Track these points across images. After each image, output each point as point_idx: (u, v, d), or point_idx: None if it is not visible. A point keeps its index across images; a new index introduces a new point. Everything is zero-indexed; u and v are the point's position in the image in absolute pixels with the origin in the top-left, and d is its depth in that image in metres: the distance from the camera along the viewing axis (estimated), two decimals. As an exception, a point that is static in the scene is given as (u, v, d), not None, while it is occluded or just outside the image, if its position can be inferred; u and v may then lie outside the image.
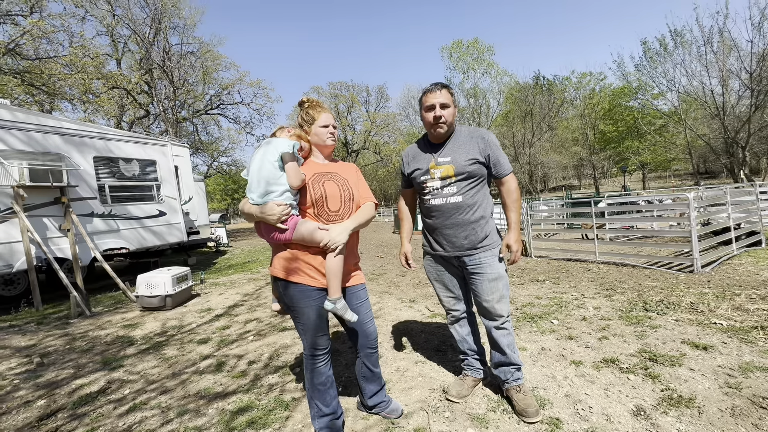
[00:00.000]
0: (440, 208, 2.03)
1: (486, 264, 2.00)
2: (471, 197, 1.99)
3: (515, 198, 2.02)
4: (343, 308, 1.75)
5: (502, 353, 2.09)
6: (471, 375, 2.30)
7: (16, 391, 2.75)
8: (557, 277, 5.26)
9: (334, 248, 1.69)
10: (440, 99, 1.95)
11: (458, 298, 2.22)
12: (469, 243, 2.01)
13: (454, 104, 1.99)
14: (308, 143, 1.86)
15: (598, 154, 36.94)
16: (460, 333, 2.28)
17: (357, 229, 1.82)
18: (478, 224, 2.00)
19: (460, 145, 2.01)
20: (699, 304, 3.54)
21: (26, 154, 5.58)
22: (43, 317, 4.97)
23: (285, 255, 1.75)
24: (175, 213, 8.08)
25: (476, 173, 1.98)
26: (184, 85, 20.22)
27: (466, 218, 1.99)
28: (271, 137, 1.84)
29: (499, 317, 2.04)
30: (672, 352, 2.60)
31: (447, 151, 2.02)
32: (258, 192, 1.68)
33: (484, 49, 31.59)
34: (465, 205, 1.98)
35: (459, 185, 1.98)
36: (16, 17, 12.07)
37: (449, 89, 2.00)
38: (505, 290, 2.03)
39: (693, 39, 19.46)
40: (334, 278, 1.71)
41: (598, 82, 34.84)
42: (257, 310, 4.59)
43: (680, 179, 40.05)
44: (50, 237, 5.82)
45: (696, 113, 24.01)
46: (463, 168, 1.96)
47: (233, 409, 2.28)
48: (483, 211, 2.01)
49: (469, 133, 2.04)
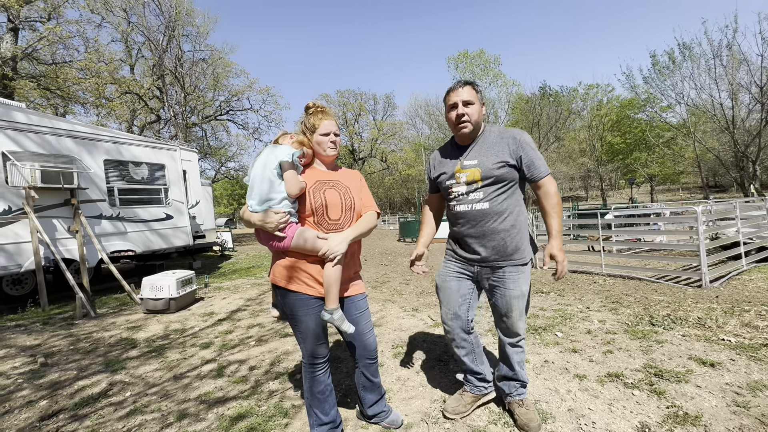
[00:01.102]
0: (466, 215, 1.89)
1: (511, 279, 1.85)
2: (500, 204, 1.83)
3: (554, 202, 1.81)
4: (340, 319, 1.72)
5: (511, 368, 2.01)
6: (470, 391, 2.17)
7: (19, 391, 2.77)
8: (562, 289, 5.21)
9: (333, 258, 1.67)
10: (463, 96, 1.82)
11: (456, 315, 2.02)
12: (497, 254, 1.86)
13: (480, 101, 1.85)
14: (311, 150, 1.84)
15: (605, 165, 36.76)
16: (460, 353, 2.11)
17: (357, 239, 1.79)
18: (508, 234, 1.83)
19: (488, 146, 1.85)
20: (707, 320, 3.48)
21: (39, 156, 5.69)
22: (49, 317, 5.01)
23: (284, 263, 1.74)
24: (182, 217, 8.15)
25: (505, 177, 1.81)
26: (195, 91, 20.56)
27: (493, 227, 1.83)
28: (274, 143, 1.84)
29: (516, 336, 1.96)
30: (678, 368, 2.55)
31: (474, 153, 1.87)
32: (256, 199, 1.68)
33: (490, 60, 31.77)
34: (492, 213, 1.83)
35: (486, 191, 1.83)
36: (34, 23, 12.40)
37: (474, 86, 1.86)
38: (525, 308, 1.92)
39: (702, 53, 19.43)
40: (331, 288, 1.69)
41: (606, 93, 34.83)
42: (260, 316, 4.60)
43: (689, 192, 39.64)
44: (59, 238, 5.90)
45: (705, 126, 23.86)
46: (491, 171, 1.80)
47: (233, 414, 2.28)
48: (514, 219, 1.85)
49: (499, 133, 1.88)
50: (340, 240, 1.70)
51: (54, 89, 12.64)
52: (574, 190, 55.76)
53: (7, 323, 4.80)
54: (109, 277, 6.87)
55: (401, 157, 38.69)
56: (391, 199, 46.93)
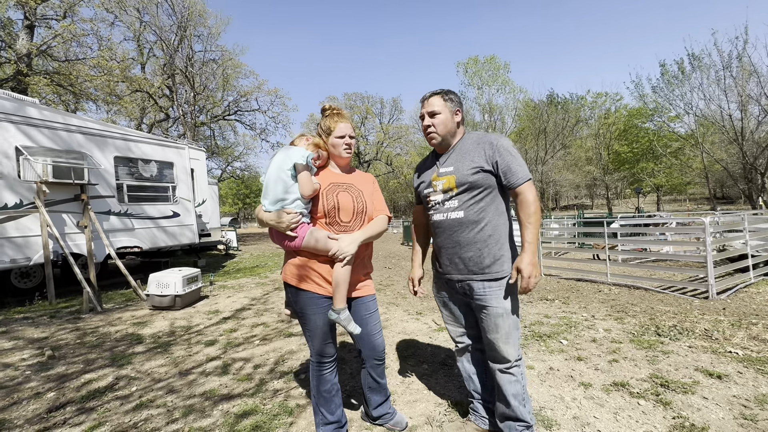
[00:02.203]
0: (441, 224, 1.80)
1: (491, 296, 1.70)
2: (476, 213, 1.72)
3: (531, 212, 1.65)
4: (347, 320, 1.74)
5: (506, 404, 1.76)
6: (474, 422, 2.00)
7: (27, 382, 2.80)
8: (567, 297, 5.19)
9: (342, 258, 1.70)
10: (428, 107, 1.78)
11: (464, 324, 1.95)
12: (474, 266, 1.73)
13: (452, 110, 1.78)
14: (326, 152, 1.87)
15: (611, 174, 36.56)
16: (467, 369, 2.00)
17: (367, 241, 1.83)
18: (485, 244, 1.71)
19: (464, 152, 1.77)
20: (714, 332, 3.45)
21: (51, 151, 5.78)
22: (56, 311, 5.07)
23: (295, 262, 1.78)
24: (188, 214, 8.22)
25: (480, 183, 1.71)
26: (204, 91, 20.78)
27: (469, 237, 1.73)
28: (291, 144, 1.88)
29: (505, 361, 1.74)
30: (685, 379, 2.53)
31: (450, 161, 1.79)
32: (270, 199, 1.73)
33: (500, 66, 31.79)
34: (468, 222, 1.73)
35: (461, 198, 1.74)
36: (50, 21, 12.61)
37: (444, 95, 1.78)
38: (514, 330, 1.72)
39: (711, 63, 19.31)
40: (339, 288, 1.71)
41: (614, 102, 34.73)
42: (264, 315, 4.61)
43: (696, 203, 39.30)
44: (68, 233, 5.97)
45: (713, 137, 23.67)
46: (465, 178, 1.71)
47: (238, 412, 2.29)
48: (492, 229, 1.72)
49: (477, 139, 1.78)
50: (350, 241, 1.73)
51: (66, 86, 12.82)
52: (579, 198, 55.50)
53: (15, 315, 4.86)
54: (115, 272, 6.94)
55: (406, 161, 38.68)
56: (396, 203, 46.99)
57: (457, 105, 1.81)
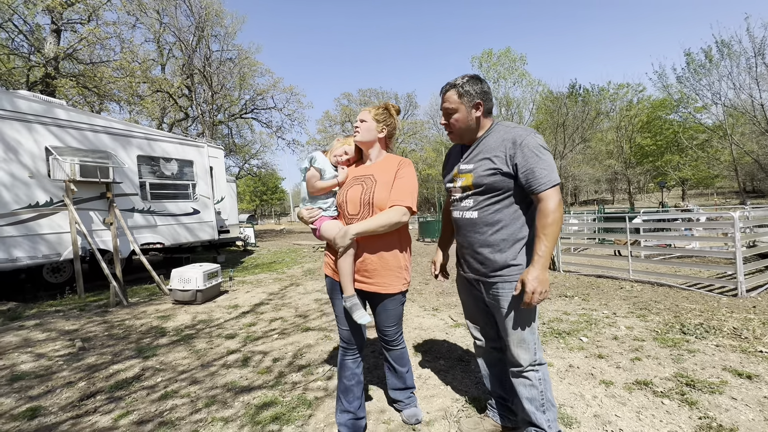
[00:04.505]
0: (458, 222, 1.76)
1: (503, 299, 1.63)
2: (491, 214, 1.63)
3: (547, 222, 1.48)
4: (353, 308, 1.78)
5: (521, 408, 1.69)
6: (492, 418, 1.97)
7: (60, 372, 2.94)
8: (587, 294, 5.08)
9: (338, 249, 1.77)
10: (444, 103, 1.66)
11: (482, 325, 1.91)
12: (486, 268, 1.67)
13: (469, 104, 1.62)
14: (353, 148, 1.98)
15: (633, 168, 35.44)
16: (484, 367, 1.96)
17: (366, 234, 1.73)
18: (498, 248, 1.62)
19: (487, 149, 1.63)
20: (743, 330, 3.32)
21: (78, 151, 6.00)
22: (85, 304, 5.28)
23: (328, 251, 1.96)
24: (208, 211, 8.42)
25: (497, 186, 1.59)
26: (222, 90, 21.12)
27: (481, 238, 1.65)
28: None
29: (517, 364, 1.67)
30: (712, 379, 2.45)
31: (471, 157, 1.69)
32: (301, 198, 2.01)
33: (515, 59, 31.17)
34: (481, 223, 1.65)
35: (476, 198, 1.65)
36: (75, 24, 13.04)
37: (461, 87, 1.62)
38: (528, 334, 1.63)
39: (742, 50, 18.46)
40: (341, 277, 1.81)
41: (637, 93, 33.54)
42: (282, 309, 4.69)
43: (724, 197, 37.73)
44: (94, 229, 6.20)
45: (743, 128, 22.68)
46: (481, 179, 1.61)
47: (258, 403, 2.35)
48: (507, 232, 1.62)
49: (503, 134, 1.61)
50: (343, 233, 1.72)
51: (91, 87, 13.26)
52: (600, 193, 54.11)
53: (48, 308, 5.09)
54: (139, 268, 7.17)
55: (421, 157, 38.55)
56: (411, 199, 46.88)
57: (478, 96, 1.62)
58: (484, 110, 1.65)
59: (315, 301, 5.09)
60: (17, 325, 4.29)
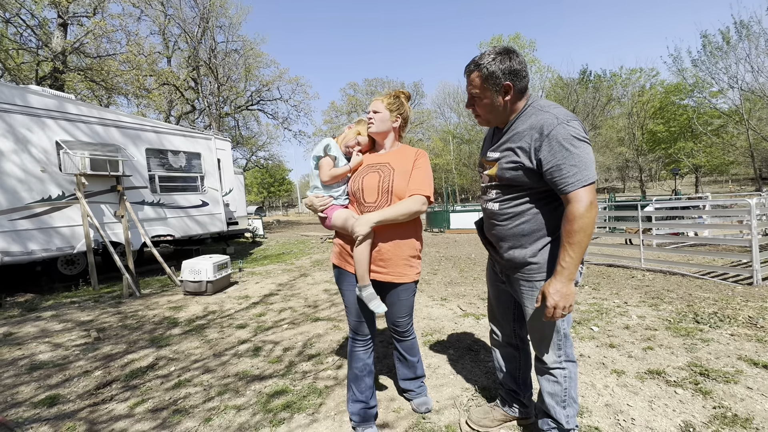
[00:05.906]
0: (484, 210, 1.66)
1: (526, 296, 1.55)
2: (511, 207, 1.51)
3: (574, 228, 1.30)
4: (368, 297, 1.75)
5: (542, 400, 1.64)
6: (502, 408, 1.94)
7: (77, 361, 3.01)
8: (597, 283, 5.03)
9: (356, 237, 1.72)
10: (468, 87, 1.49)
11: (498, 320, 1.87)
12: (508, 262, 1.57)
13: (494, 90, 1.42)
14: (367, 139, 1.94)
15: (645, 155, 34.70)
16: (498, 360, 1.92)
17: (385, 222, 1.72)
18: (519, 242, 1.51)
19: (516, 137, 1.44)
20: (759, 320, 3.26)
21: (88, 145, 6.06)
22: (99, 296, 5.39)
23: (337, 241, 1.93)
24: (216, 204, 8.48)
25: (518, 181, 1.45)
26: (228, 82, 21.10)
27: (502, 231, 1.55)
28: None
29: (541, 361, 1.61)
30: (726, 368, 2.42)
31: (499, 144, 1.52)
32: (310, 187, 1.96)
33: (525, 45, 30.49)
34: (501, 215, 1.54)
35: (498, 190, 1.55)
36: (81, 18, 13.06)
37: (481, 69, 1.41)
38: (550, 332, 1.53)
39: (761, 31, 17.78)
40: (357, 266, 1.76)
41: (650, 78, 32.65)
42: (291, 300, 4.74)
43: (739, 184, 36.89)
44: (106, 222, 6.29)
45: (761, 113, 22.01)
46: (502, 173, 1.47)
47: (269, 392, 2.38)
48: (530, 227, 1.48)
49: (532, 119, 1.40)
50: (364, 221, 1.70)
51: (99, 81, 13.33)
52: (610, 182, 53.28)
53: (63, 300, 5.21)
54: (150, 260, 7.28)
55: (429, 146, 38.22)
56: (418, 189, 46.71)
57: (507, 77, 1.39)
58: (514, 92, 1.43)
59: (324, 291, 5.13)
60: (35, 316, 4.40)
